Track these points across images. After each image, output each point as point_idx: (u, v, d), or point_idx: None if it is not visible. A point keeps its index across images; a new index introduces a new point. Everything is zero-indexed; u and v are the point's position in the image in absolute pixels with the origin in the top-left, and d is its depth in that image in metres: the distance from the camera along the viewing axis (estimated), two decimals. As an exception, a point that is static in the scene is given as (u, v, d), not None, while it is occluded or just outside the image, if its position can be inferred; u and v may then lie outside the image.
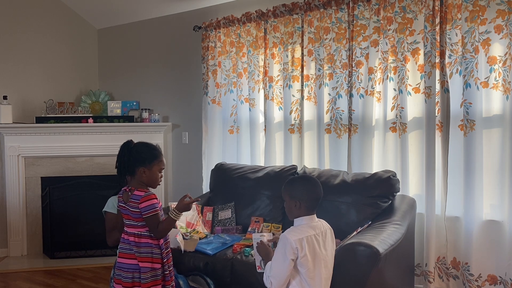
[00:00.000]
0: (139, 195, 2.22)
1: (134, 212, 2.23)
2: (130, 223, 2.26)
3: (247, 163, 3.93)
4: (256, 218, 3.30)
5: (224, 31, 4.04)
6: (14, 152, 4.30)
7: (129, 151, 2.27)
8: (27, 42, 4.52)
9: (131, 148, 2.29)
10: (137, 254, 2.22)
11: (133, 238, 2.24)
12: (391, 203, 2.94)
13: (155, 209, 2.22)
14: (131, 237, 2.24)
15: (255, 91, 3.90)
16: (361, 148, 3.35)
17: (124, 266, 2.23)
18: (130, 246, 2.24)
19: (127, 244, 2.25)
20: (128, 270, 2.22)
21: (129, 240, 2.24)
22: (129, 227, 2.27)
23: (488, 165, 2.90)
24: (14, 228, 4.32)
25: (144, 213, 2.21)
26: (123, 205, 2.28)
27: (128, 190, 2.28)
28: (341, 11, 3.38)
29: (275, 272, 1.99)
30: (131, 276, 2.21)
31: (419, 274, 3.15)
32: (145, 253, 2.23)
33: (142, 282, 2.20)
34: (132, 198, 2.24)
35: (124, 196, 2.29)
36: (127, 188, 2.29)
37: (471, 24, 2.88)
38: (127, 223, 2.28)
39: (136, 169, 2.25)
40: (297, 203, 2.05)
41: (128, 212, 2.25)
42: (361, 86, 3.33)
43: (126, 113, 4.71)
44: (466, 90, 2.92)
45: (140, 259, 2.21)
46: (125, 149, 2.29)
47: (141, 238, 2.25)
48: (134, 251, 2.23)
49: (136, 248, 2.23)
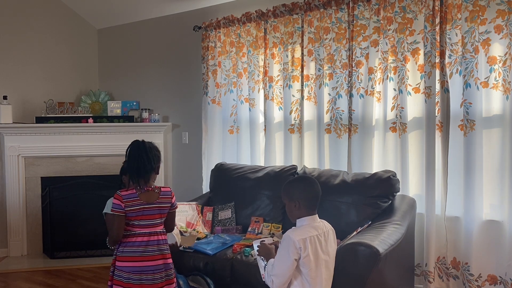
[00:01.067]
0: (168, 191, 2.35)
1: (165, 208, 2.31)
2: (158, 222, 2.30)
3: (247, 163, 3.93)
4: (256, 218, 3.30)
5: (224, 31, 4.05)
6: (14, 152, 4.30)
7: (150, 150, 2.31)
8: (27, 42, 4.52)
9: (149, 147, 2.33)
10: (167, 252, 2.32)
11: (163, 236, 2.31)
12: (391, 203, 2.94)
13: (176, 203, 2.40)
14: (160, 236, 2.29)
15: (255, 91, 3.90)
16: (361, 148, 3.35)
17: (171, 267, 2.33)
18: (166, 245, 2.31)
19: (163, 245, 2.30)
20: (171, 268, 2.32)
21: (161, 240, 2.29)
22: (155, 227, 2.29)
23: (488, 165, 2.90)
24: (14, 228, 4.32)
25: (174, 207, 2.37)
26: (148, 206, 2.26)
27: (152, 189, 2.30)
28: (341, 11, 3.38)
29: (277, 271, 1.99)
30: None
31: (419, 274, 3.15)
32: (167, 250, 2.33)
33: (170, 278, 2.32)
34: (164, 195, 2.32)
35: (148, 195, 2.28)
36: (150, 187, 2.30)
37: (471, 24, 2.88)
38: (155, 223, 2.29)
39: (157, 167, 2.34)
40: (297, 203, 2.06)
41: (156, 211, 2.28)
42: (361, 86, 3.33)
43: (126, 113, 4.71)
44: (466, 90, 2.92)
45: (169, 256, 2.33)
46: (143, 148, 2.31)
47: (164, 235, 2.33)
48: (168, 248, 2.32)
49: (167, 246, 2.32)
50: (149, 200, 2.27)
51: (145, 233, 2.26)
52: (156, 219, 2.29)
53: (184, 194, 4.34)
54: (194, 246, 2.88)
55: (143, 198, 2.26)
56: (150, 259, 2.24)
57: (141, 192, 2.27)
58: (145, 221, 2.27)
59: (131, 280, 2.22)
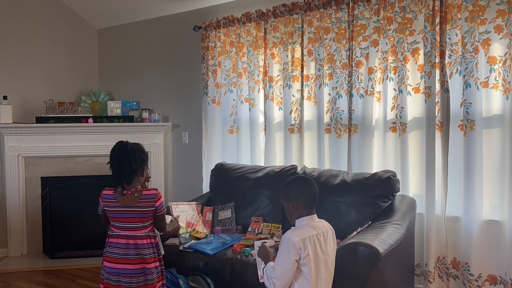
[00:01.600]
0: (152, 194, 2.25)
1: (148, 211, 2.23)
2: (140, 226, 2.23)
3: (247, 163, 3.93)
4: (256, 218, 3.30)
5: (224, 31, 4.04)
6: (14, 152, 4.30)
7: (132, 151, 2.25)
8: (27, 42, 4.52)
9: (131, 148, 2.27)
10: (152, 256, 2.24)
11: (148, 240, 2.24)
12: (391, 203, 2.94)
13: (164, 205, 2.31)
14: (141, 240, 2.22)
15: (255, 91, 3.90)
16: (361, 148, 3.35)
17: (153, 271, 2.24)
18: (150, 249, 2.24)
19: (145, 249, 2.23)
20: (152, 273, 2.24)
21: (143, 244, 2.22)
22: (135, 230, 2.23)
23: (488, 165, 2.90)
24: (14, 228, 4.32)
25: (159, 210, 2.27)
26: (125, 209, 2.22)
27: (133, 192, 2.24)
28: (341, 11, 3.38)
29: (278, 273, 1.99)
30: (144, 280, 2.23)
31: (419, 274, 3.15)
32: (154, 254, 2.27)
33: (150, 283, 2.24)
34: (145, 199, 2.22)
35: (126, 199, 2.23)
36: (130, 190, 2.24)
37: (471, 24, 2.88)
38: (135, 226, 2.23)
39: (140, 169, 2.27)
40: (295, 203, 2.06)
41: (136, 214, 2.22)
42: (361, 86, 3.33)
43: (126, 113, 4.71)
44: (466, 90, 2.92)
45: (150, 260, 2.24)
46: (124, 149, 2.26)
47: (151, 238, 2.27)
48: (152, 252, 2.24)
49: (152, 250, 2.25)
50: (127, 203, 2.21)
51: (123, 236, 2.23)
52: (135, 222, 2.23)
53: (184, 194, 4.35)
54: (194, 246, 2.88)
55: (120, 201, 2.22)
56: (128, 262, 2.20)
57: (119, 195, 2.23)
58: (123, 224, 2.23)
59: (109, 281, 2.23)
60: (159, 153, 4.56)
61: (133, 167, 2.23)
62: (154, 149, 4.53)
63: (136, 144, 2.32)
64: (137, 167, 2.25)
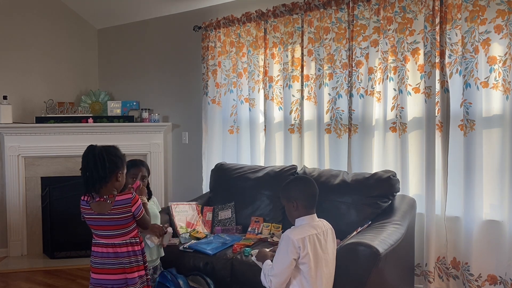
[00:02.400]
0: (126, 199, 2.08)
1: (124, 218, 2.08)
2: (117, 233, 2.09)
3: (247, 163, 3.93)
4: (256, 218, 3.30)
5: (224, 31, 4.04)
6: (14, 152, 4.30)
7: (101, 157, 2.07)
8: (27, 42, 4.52)
9: (99, 153, 2.09)
10: (135, 265, 2.10)
11: (130, 248, 2.10)
12: (391, 203, 2.94)
13: (142, 207, 2.15)
14: (120, 248, 2.09)
15: (255, 91, 3.90)
16: (361, 148, 3.35)
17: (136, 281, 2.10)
18: (131, 257, 2.10)
19: (125, 258, 2.08)
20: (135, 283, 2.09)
21: (123, 253, 2.08)
22: (113, 238, 2.09)
23: (488, 165, 2.90)
24: (14, 228, 4.32)
25: (137, 215, 2.11)
26: (100, 217, 2.08)
27: (105, 199, 2.07)
28: (341, 11, 3.38)
29: (276, 271, 1.99)
30: None
31: (419, 274, 3.15)
32: (136, 262, 2.12)
33: None
34: (118, 205, 2.07)
35: (99, 206, 2.08)
36: (102, 197, 2.08)
37: (471, 24, 2.88)
38: (112, 234, 2.09)
39: (113, 174, 2.09)
40: (295, 203, 2.06)
41: (112, 222, 2.07)
42: (361, 86, 3.33)
43: (126, 113, 4.71)
44: (466, 90, 2.92)
45: (132, 270, 2.09)
46: (91, 154, 2.08)
47: (134, 245, 2.12)
48: (135, 261, 2.11)
49: (134, 258, 2.11)
50: (101, 210, 2.07)
51: (102, 244, 2.11)
52: (112, 230, 2.08)
53: (184, 194, 4.35)
54: (194, 246, 2.88)
55: (94, 208, 2.08)
56: (108, 272, 2.08)
57: (92, 202, 2.08)
58: (100, 231, 2.11)
59: None
60: (159, 153, 4.56)
61: (100, 174, 2.04)
62: (154, 149, 4.53)
63: (108, 148, 2.13)
64: (106, 173, 2.05)
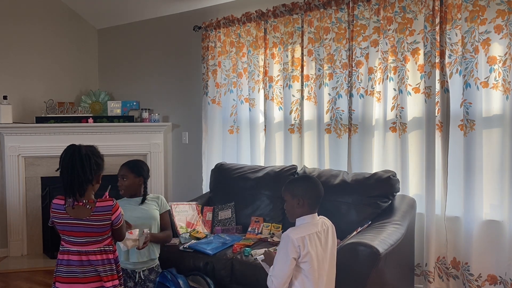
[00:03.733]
0: (108, 205, 1.97)
1: (102, 226, 1.96)
2: (93, 240, 1.95)
3: (247, 163, 3.93)
4: (256, 218, 3.30)
5: (224, 31, 4.04)
6: (14, 152, 4.30)
7: (87, 158, 1.98)
8: (27, 42, 4.52)
9: (86, 154, 1.99)
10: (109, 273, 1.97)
11: (104, 256, 1.97)
12: (391, 203, 2.94)
13: (121, 217, 2.05)
14: (95, 256, 1.95)
15: (255, 91, 3.90)
16: (361, 148, 3.35)
17: None
18: (106, 266, 1.97)
19: (101, 266, 1.96)
20: None
21: (98, 260, 1.95)
22: (89, 245, 1.95)
23: (488, 165, 2.90)
24: (14, 228, 4.32)
25: (115, 224, 2.00)
26: (78, 222, 1.93)
27: (84, 204, 1.95)
28: (341, 11, 3.38)
29: (277, 271, 1.99)
30: None
31: (419, 274, 3.15)
32: (111, 271, 1.99)
33: None
34: (99, 211, 1.95)
35: (76, 211, 1.94)
36: (81, 201, 1.95)
37: (471, 24, 2.88)
38: (88, 241, 1.95)
39: (96, 176, 2.00)
40: (300, 200, 2.05)
41: (89, 228, 1.93)
42: (361, 86, 3.33)
43: (126, 113, 4.71)
44: (466, 90, 2.92)
45: (107, 278, 1.96)
46: (78, 155, 1.97)
47: (108, 254, 2.00)
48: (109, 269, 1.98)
49: (109, 267, 1.98)
50: (77, 216, 1.93)
51: (75, 252, 1.94)
52: (87, 237, 1.94)
53: (184, 194, 4.35)
54: (194, 246, 2.88)
55: (70, 213, 1.94)
56: (81, 281, 1.92)
57: (68, 206, 1.94)
58: (73, 238, 1.94)
59: None
60: (159, 153, 4.56)
61: (87, 176, 1.95)
62: (154, 149, 4.53)
63: (91, 148, 2.05)
64: (92, 175, 1.97)
